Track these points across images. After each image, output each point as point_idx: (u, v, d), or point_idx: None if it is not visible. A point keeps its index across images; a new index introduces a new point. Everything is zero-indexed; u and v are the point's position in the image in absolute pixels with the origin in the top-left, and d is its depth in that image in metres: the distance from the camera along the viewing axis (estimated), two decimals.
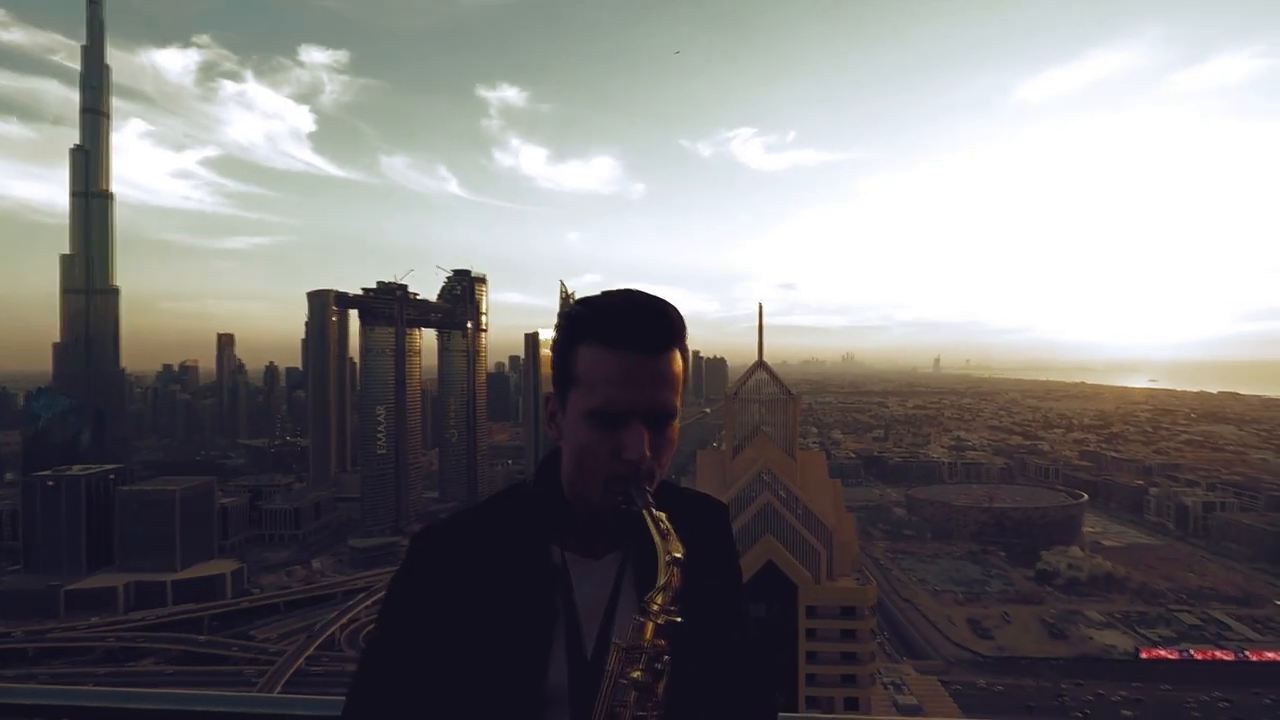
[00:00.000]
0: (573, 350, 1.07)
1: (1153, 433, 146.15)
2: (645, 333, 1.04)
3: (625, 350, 1.03)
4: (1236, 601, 73.39)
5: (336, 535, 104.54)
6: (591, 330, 1.05)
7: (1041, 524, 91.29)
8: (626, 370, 1.03)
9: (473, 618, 1.06)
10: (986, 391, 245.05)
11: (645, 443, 1.03)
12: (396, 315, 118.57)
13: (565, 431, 1.09)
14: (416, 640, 1.07)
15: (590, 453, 1.05)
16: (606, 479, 1.05)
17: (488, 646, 1.05)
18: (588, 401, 1.04)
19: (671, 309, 1.07)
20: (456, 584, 1.07)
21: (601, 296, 1.09)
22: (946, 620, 69.95)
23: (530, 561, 1.10)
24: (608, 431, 1.03)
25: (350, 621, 70.20)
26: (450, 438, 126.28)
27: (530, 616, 1.07)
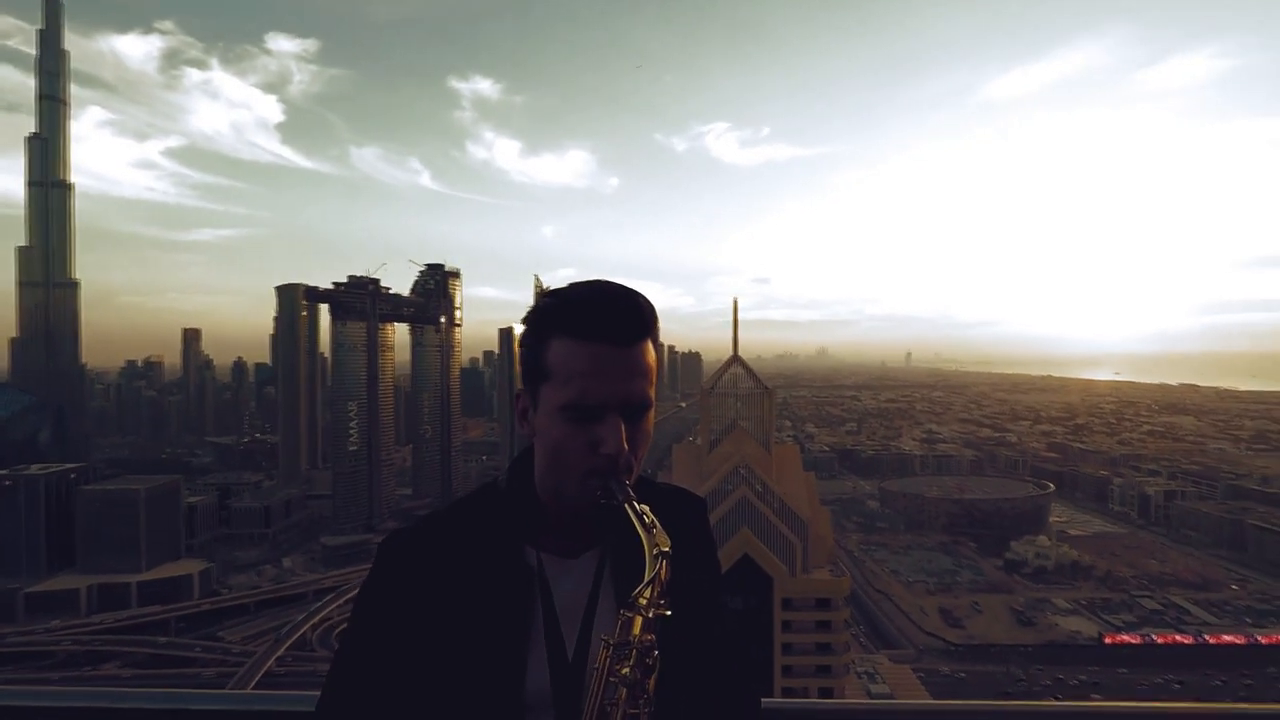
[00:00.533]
0: (543, 344, 1.03)
1: (1116, 424, 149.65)
2: (617, 323, 1.00)
3: (597, 342, 0.99)
4: (1195, 587, 75.55)
5: (308, 533, 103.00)
6: (562, 323, 1.01)
7: (1010, 514, 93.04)
8: (599, 362, 0.99)
9: (445, 622, 1.02)
10: (957, 385, 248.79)
11: (622, 435, 1.00)
12: (368, 310, 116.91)
13: (538, 428, 1.05)
14: (386, 646, 1.03)
15: (566, 448, 1.01)
16: (583, 474, 1.01)
17: (462, 651, 1.02)
18: (561, 396, 1.00)
19: (642, 299, 1.04)
20: (427, 588, 1.03)
21: (570, 288, 1.06)
22: (919, 610, 71.02)
23: (503, 563, 1.06)
24: (583, 425, 1.00)
25: (322, 621, 69.27)
26: (424, 434, 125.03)
27: (505, 619, 1.03)
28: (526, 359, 1.06)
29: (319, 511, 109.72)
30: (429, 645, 1.02)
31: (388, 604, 1.04)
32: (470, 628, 1.02)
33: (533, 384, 1.05)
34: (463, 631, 1.02)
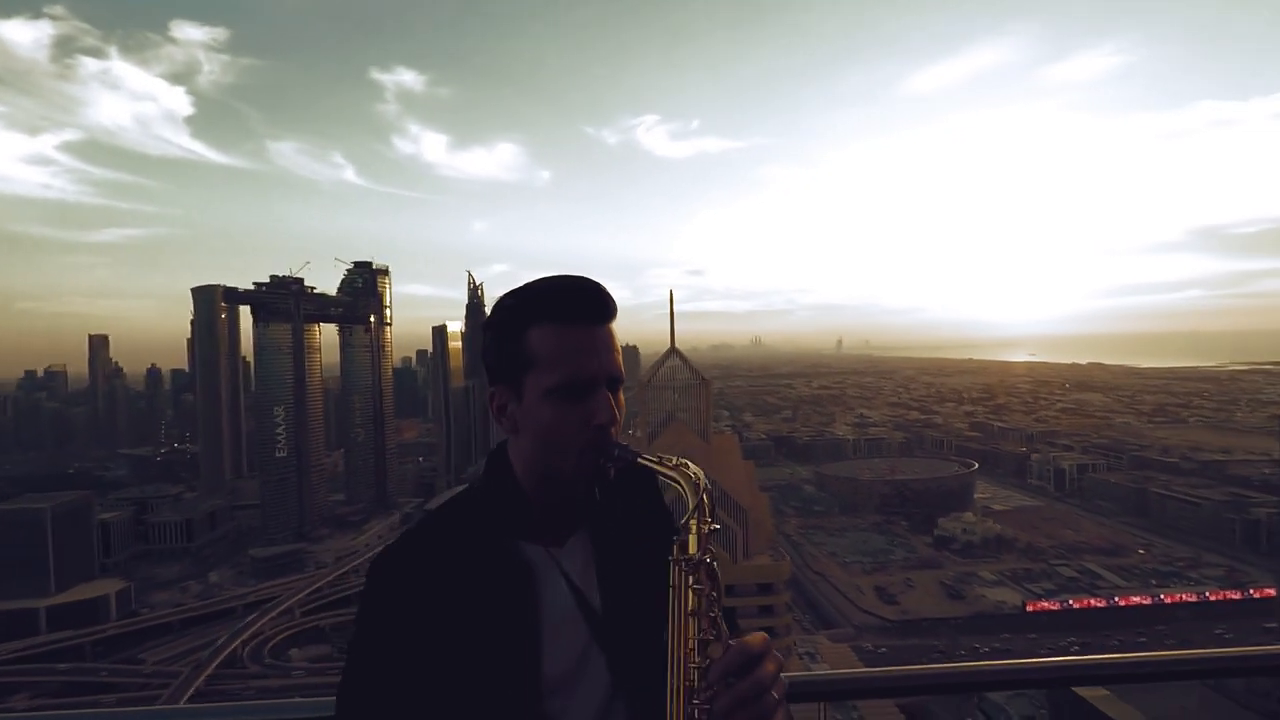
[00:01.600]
0: (521, 336, 1.08)
1: (1033, 403, 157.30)
2: (592, 305, 1.09)
3: (580, 324, 1.07)
4: (1106, 553, 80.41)
5: (235, 545, 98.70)
6: (542, 312, 1.07)
7: (938, 493, 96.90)
8: (584, 342, 1.07)
9: (451, 626, 1.05)
10: (886, 370, 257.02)
11: (613, 405, 1.09)
12: (293, 311, 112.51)
13: (525, 417, 1.09)
14: (396, 663, 1.05)
15: (559, 428, 1.07)
16: (579, 450, 1.08)
17: (474, 651, 1.04)
18: (551, 378, 1.05)
19: (600, 284, 1.12)
20: (426, 597, 1.05)
21: (536, 283, 1.11)
22: (855, 589, 73.29)
23: (499, 559, 1.10)
24: (574, 403, 1.06)
25: (254, 636, 66.56)
26: (356, 437, 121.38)
27: (511, 613, 1.07)
28: (502, 355, 1.10)
29: (246, 522, 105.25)
30: (439, 652, 1.04)
31: (387, 626, 1.06)
32: (477, 627, 1.05)
33: (514, 376, 1.09)
34: (471, 632, 1.05)
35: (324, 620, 73.73)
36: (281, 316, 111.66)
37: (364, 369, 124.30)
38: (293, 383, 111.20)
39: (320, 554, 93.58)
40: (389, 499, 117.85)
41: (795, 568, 71.82)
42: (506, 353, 1.09)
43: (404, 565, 1.08)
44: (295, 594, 75.94)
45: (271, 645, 66.76)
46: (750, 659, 0.92)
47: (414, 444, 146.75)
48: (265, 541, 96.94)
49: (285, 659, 64.28)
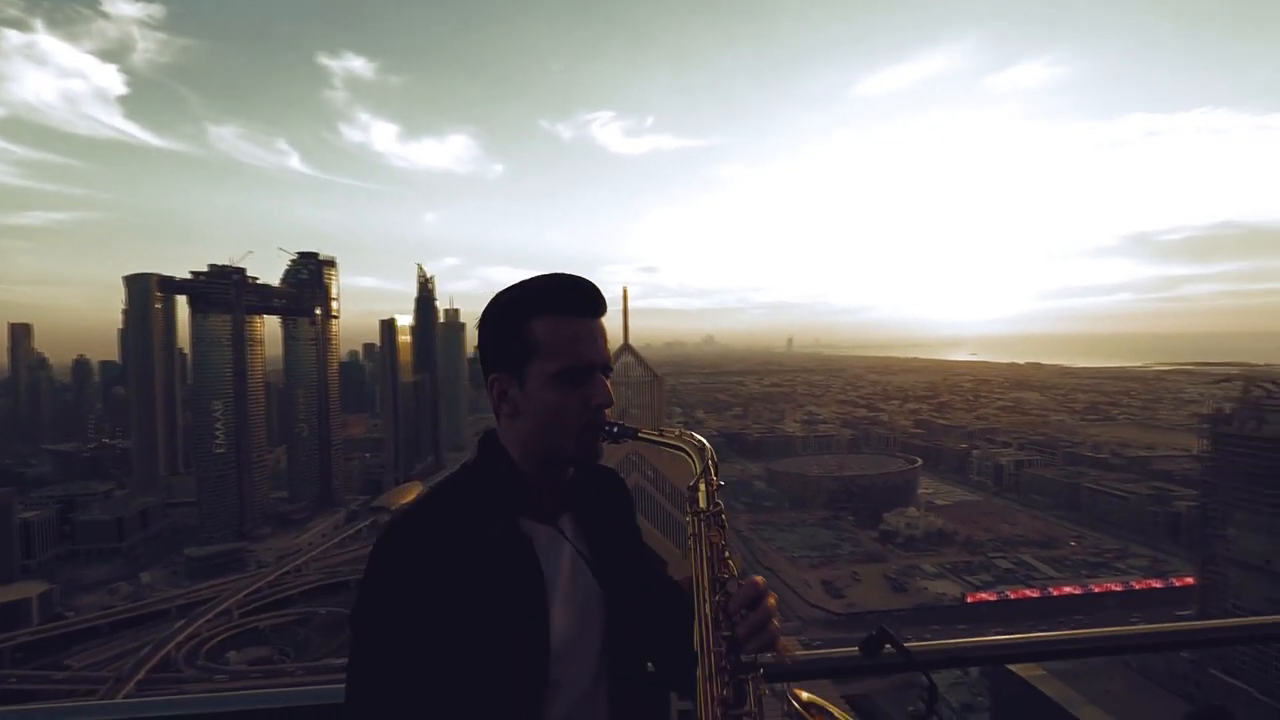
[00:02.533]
0: (526, 327, 1.19)
1: (973, 400, 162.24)
2: (590, 299, 1.22)
3: (581, 315, 1.21)
4: (1041, 545, 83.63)
5: (169, 545, 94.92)
6: (545, 304, 1.19)
7: (884, 488, 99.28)
8: (584, 332, 1.20)
9: (460, 601, 1.09)
10: (835, 368, 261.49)
11: (608, 388, 1.23)
12: (233, 301, 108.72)
13: (527, 402, 1.20)
14: (409, 640, 1.09)
15: (562, 411, 1.19)
16: (579, 430, 1.20)
17: (484, 624, 1.10)
18: (555, 365, 1.18)
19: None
20: (435, 573, 1.10)
21: (537, 279, 1.23)
22: (803, 584, 74.58)
23: (501, 534, 1.17)
24: (575, 389, 1.19)
25: (190, 638, 64.25)
26: (299, 432, 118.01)
27: (519, 583, 1.14)
28: (504, 344, 1.21)
29: (182, 521, 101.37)
30: (452, 624, 1.09)
31: (401, 597, 1.10)
32: (489, 597, 1.11)
33: (518, 363, 1.20)
34: (483, 602, 1.10)
35: (264, 621, 71.60)
36: (221, 307, 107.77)
37: (309, 363, 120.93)
38: (233, 376, 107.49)
39: (261, 553, 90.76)
40: (334, 496, 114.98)
41: (745, 563, 72.77)
42: (509, 342, 1.20)
43: (412, 541, 1.13)
44: (234, 594, 73.54)
45: (208, 647, 64.51)
46: (759, 594, 1.14)
47: (361, 440, 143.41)
48: (202, 540, 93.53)
49: (222, 661, 62.18)
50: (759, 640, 1.11)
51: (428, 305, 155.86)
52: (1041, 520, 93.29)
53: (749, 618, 1.12)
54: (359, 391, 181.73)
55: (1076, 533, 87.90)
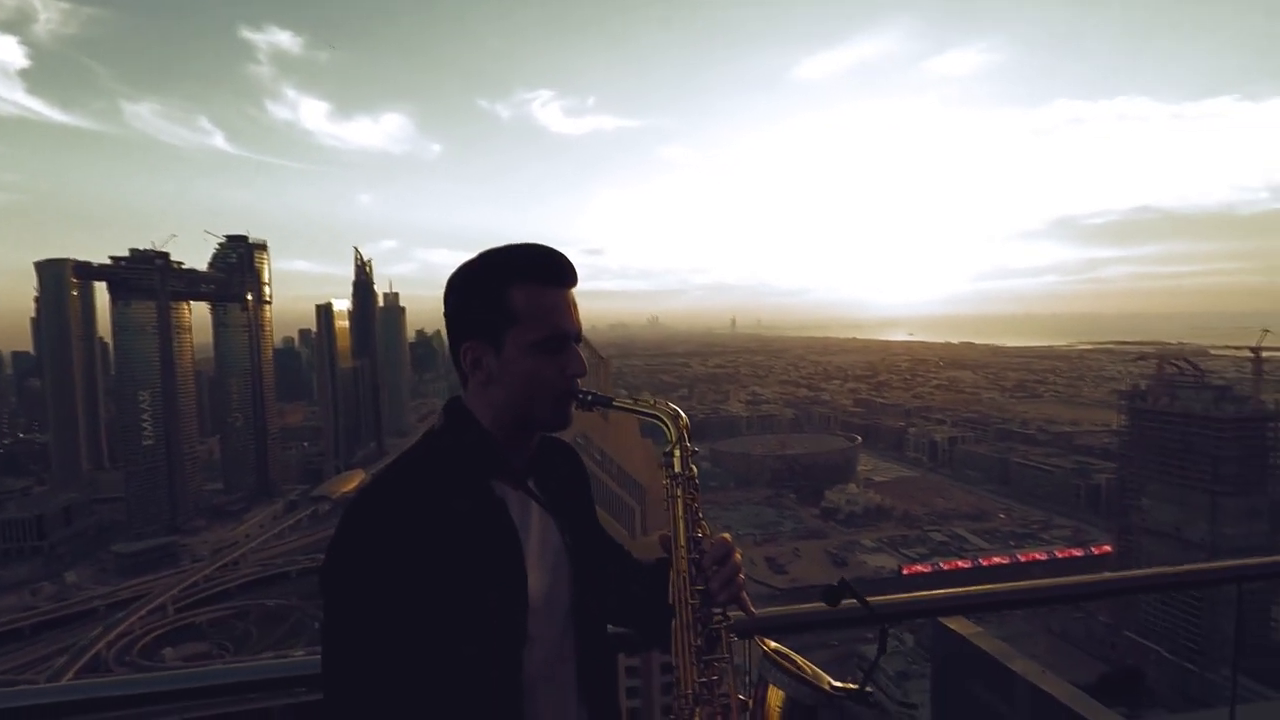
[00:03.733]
0: (504, 294, 1.19)
1: (910, 380, 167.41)
2: (566, 270, 1.24)
3: (558, 285, 1.23)
4: (972, 518, 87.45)
5: (96, 542, 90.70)
6: (524, 273, 1.20)
7: (825, 466, 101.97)
8: (561, 302, 1.22)
9: (438, 560, 1.09)
10: (777, 349, 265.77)
11: (582, 357, 1.26)
12: (157, 287, 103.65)
13: (504, 369, 1.21)
14: (388, 605, 1.08)
15: (539, 378, 1.21)
16: (555, 397, 1.23)
17: (462, 581, 1.11)
18: (534, 334, 1.19)
19: None
20: (410, 534, 1.09)
21: (512, 248, 1.24)
22: (748, 561, 72.57)
23: (475, 495, 1.18)
24: (552, 357, 1.21)
25: (120, 637, 61.83)
26: (233, 422, 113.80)
27: (495, 541, 1.17)
28: (480, 311, 1.21)
29: (109, 516, 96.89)
30: (431, 583, 1.09)
31: (377, 561, 1.09)
32: (466, 555, 1.12)
33: (495, 331, 1.20)
34: (461, 560, 1.11)
35: (201, 616, 69.41)
36: (144, 294, 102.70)
37: (241, 350, 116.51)
38: (159, 365, 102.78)
39: (196, 547, 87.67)
40: (272, 486, 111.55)
41: None
42: (486, 310, 1.20)
43: (384, 502, 1.13)
44: (168, 590, 70.96)
45: (141, 645, 62.23)
46: (728, 550, 1.26)
47: (298, 428, 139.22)
48: (132, 536, 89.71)
49: (158, 659, 60.03)
50: (728, 592, 1.23)
51: (366, 289, 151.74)
52: (974, 494, 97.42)
53: (719, 572, 1.23)
54: (295, 379, 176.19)
55: (1006, 505, 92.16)
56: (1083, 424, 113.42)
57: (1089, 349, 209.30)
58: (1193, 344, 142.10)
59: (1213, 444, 60.51)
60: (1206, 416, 61.05)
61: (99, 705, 1.66)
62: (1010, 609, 2.39)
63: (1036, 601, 2.32)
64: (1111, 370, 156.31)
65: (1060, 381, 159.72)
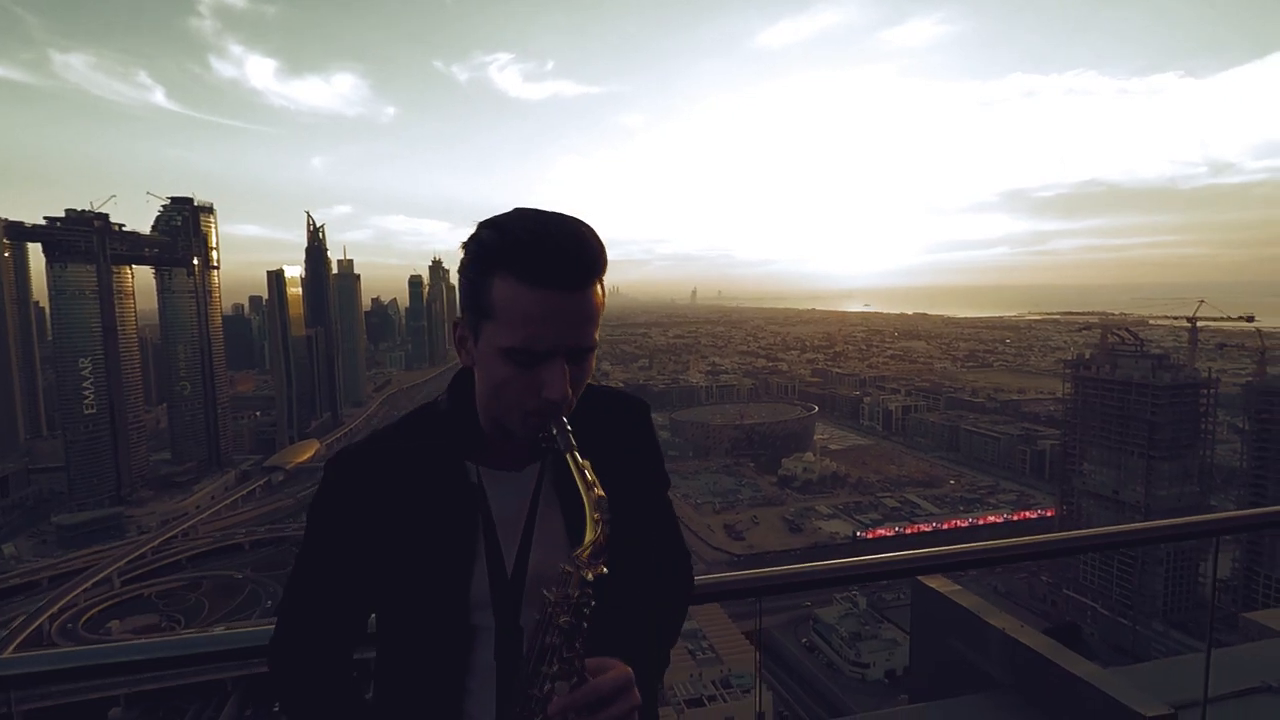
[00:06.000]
0: (486, 280, 0.97)
1: (866, 350, 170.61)
2: (566, 268, 0.95)
3: (545, 288, 0.94)
4: (924, 484, 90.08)
5: (35, 513, 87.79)
6: (508, 262, 0.95)
7: (782, 435, 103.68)
8: (547, 309, 0.95)
9: (392, 535, 1.06)
10: (736, 320, 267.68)
11: (566, 380, 0.99)
12: (96, 250, 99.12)
13: (478, 361, 1.04)
14: (338, 562, 1.09)
15: (508, 389, 1.00)
16: (526, 413, 1.01)
17: (410, 562, 1.07)
18: (505, 339, 0.97)
19: (591, 236, 1.00)
20: (374, 503, 1.06)
21: (515, 221, 0.98)
22: (707, 529, 77.43)
23: (446, 478, 1.09)
24: (527, 369, 0.98)
25: (63, 610, 60.13)
26: (181, 390, 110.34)
27: (449, 531, 1.07)
28: (467, 290, 1.02)
29: (49, 487, 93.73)
30: (379, 558, 1.07)
31: (336, 520, 1.08)
32: (416, 540, 1.06)
33: (474, 317, 1.01)
34: (410, 543, 1.06)
35: (149, 588, 67.86)
36: (82, 257, 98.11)
37: (188, 316, 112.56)
38: (101, 331, 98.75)
39: (143, 518, 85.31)
40: (223, 456, 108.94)
41: None
42: (471, 291, 1.01)
43: (358, 465, 1.09)
44: (114, 562, 69.10)
45: (87, 618, 60.66)
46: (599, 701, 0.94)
47: (250, 397, 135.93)
48: (74, 507, 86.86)
49: (104, 632, 58.64)
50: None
51: (319, 256, 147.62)
52: (925, 461, 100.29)
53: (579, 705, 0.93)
54: (246, 347, 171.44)
55: (956, 471, 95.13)
56: (1030, 392, 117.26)
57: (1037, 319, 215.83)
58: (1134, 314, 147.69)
59: (1149, 410, 63.09)
60: (1144, 384, 63.53)
61: (41, 679, 1.60)
62: (988, 566, 2.37)
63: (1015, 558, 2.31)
64: (1058, 340, 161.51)
65: (1009, 351, 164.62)
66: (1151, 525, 2.60)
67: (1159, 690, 2.33)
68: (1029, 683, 2.39)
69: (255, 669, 1.36)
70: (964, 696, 2.49)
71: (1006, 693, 2.42)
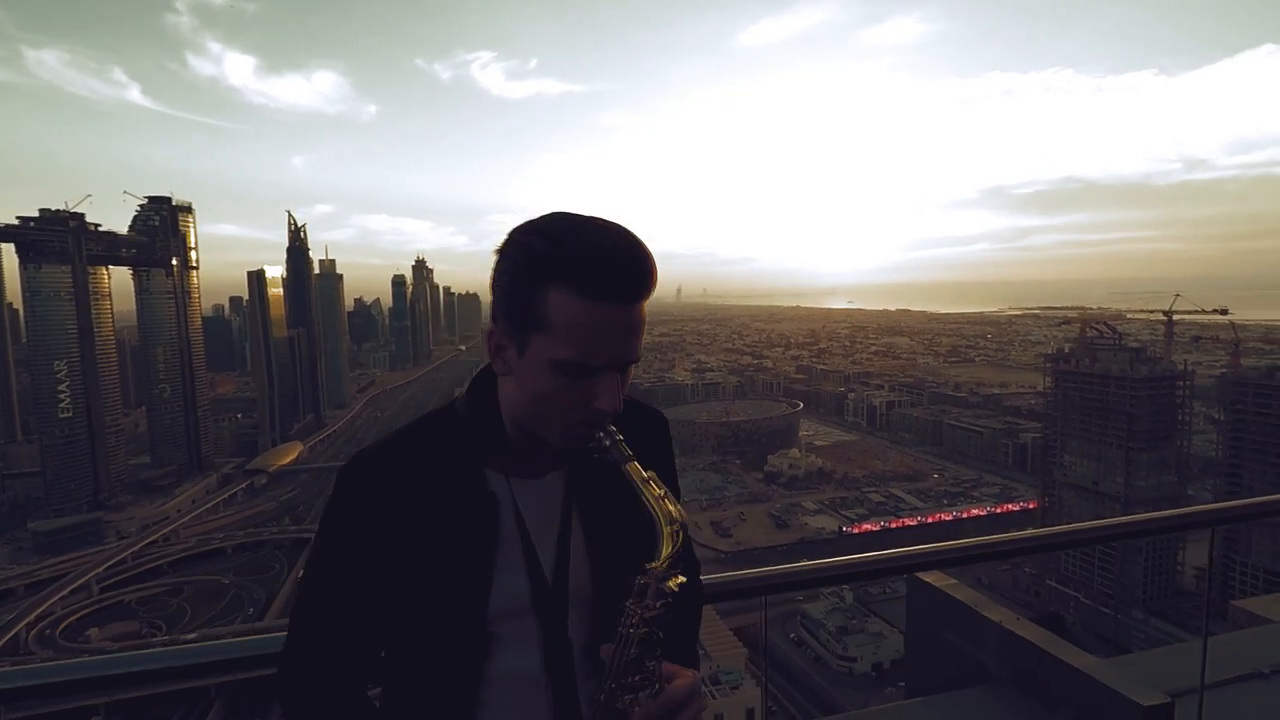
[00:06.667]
0: (540, 291, 0.93)
1: (850, 346, 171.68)
2: (627, 283, 0.94)
3: (605, 302, 0.93)
4: (908, 479, 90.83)
5: (11, 519, 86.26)
6: (567, 275, 0.92)
7: (768, 432, 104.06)
8: (605, 323, 0.94)
9: (409, 544, 1.02)
10: (721, 318, 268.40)
11: (620, 391, 0.99)
12: (71, 251, 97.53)
13: (522, 371, 0.99)
14: (352, 571, 1.04)
15: (559, 400, 0.98)
16: (571, 424, 1.00)
17: (427, 572, 1.03)
18: (560, 352, 0.94)
19: (645, 249, 0.98)
20: (390, 510, 1.02)
21: (570, 231, 0.95)
22: (694, 526, 76.78)
23: (464, 486, 1.06)
24: (578, 381, 0.96)
25: (40, 618, 59.16)
26: (160, 393, 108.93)
27: (467, 540, 1.04)
28: (512, 298, 0.97)
29: (25, 492, 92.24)
30: (395, 567, 1.02)
31: (351, 527, 1.03)
32: (433, 549, 1.03)
33: (520, 327, 0.97)
34: (427, 552, 1.02)
35: (129, 595, 66.92)
36: (57, 257, 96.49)
37: (166, 318, 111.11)
38: (77, 333, 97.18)
39: (122, 523, 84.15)
40: (204, 460, 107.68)
41: None
42: (516, 298, 0.96)
43: (374, 472, 1.04)
44: (93, 568, 68.05)
45: (64, 626, 59.71)
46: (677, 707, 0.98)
47: (231, 399, 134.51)
48: (50, 513, 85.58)
49: (83, 640, 57.74)
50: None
51: (300, 255, 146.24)
52: (909, 456, 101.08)
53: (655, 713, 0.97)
54: (227, 348, 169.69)
55: (939, 466, 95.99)
56: (1011, 386, 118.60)
57: (1017, 314, 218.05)
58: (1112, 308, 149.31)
59: (1128, 402, 63.99)
60: (1123, 377, 64.41)
61: (15, 695, 1.50)
62: (986, 561, 2.35)
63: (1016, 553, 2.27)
64: (1038, 335, 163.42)
65: (990, 346, 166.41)
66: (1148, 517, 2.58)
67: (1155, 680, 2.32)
68: (1026, 675, 2.38)
69: (240, 674, 1.36)
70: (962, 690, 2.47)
71: (1004, 685, 2.40)
